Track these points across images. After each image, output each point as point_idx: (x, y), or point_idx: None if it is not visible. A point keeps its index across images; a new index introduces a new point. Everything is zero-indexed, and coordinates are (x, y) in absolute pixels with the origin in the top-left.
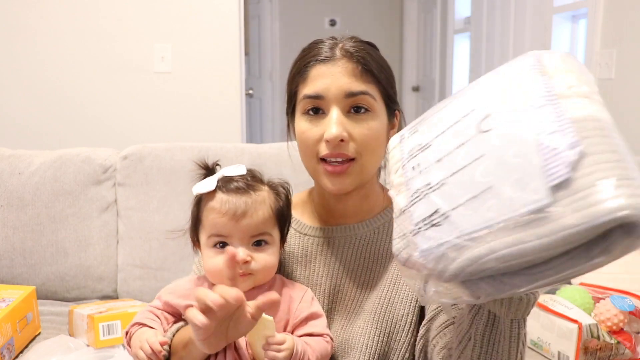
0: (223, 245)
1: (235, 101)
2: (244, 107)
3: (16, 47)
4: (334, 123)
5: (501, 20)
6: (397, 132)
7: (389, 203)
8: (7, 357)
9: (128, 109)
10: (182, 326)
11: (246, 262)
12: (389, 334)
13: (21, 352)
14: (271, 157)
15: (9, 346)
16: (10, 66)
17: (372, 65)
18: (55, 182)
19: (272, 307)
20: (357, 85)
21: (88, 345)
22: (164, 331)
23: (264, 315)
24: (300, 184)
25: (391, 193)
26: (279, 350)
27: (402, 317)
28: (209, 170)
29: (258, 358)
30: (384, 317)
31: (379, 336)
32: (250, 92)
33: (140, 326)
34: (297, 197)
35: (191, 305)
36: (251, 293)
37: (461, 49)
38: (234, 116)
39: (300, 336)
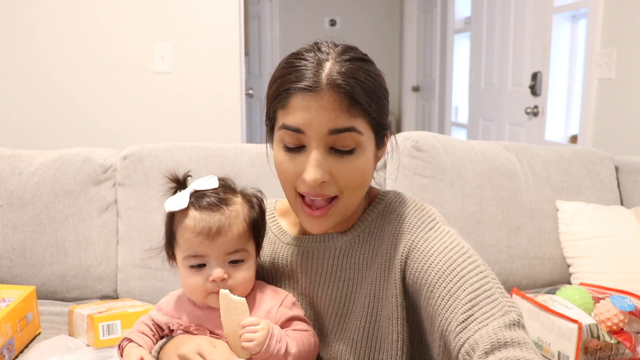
0: (200, 265)
1: (235, 101)
2: (244, 107)
3: (16, 47)
4: (314, 165)
5: (501, 20)
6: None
7: (370, 202)
8: (7, 357)
9: (128, 109)
10: (164, 342)
11: (223, 280)
12: (377, 351)
13: (21, 352)
14: (271, 157)
15: (9, 346)
16: (10, 66)
17: (361, 96)
18: (55, 182)
19: None
20: (342, 121)
21: (88, 345)
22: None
23: (234, 297)
24: None
25: None
26: (254, 332)
27: (389, 334)
28: (180, 184)
29: (235, 350)
30: (370, 335)
31: (367, 355)
32: (250, 92)
33: (129, 342)
34: (284, 203)
35: (169, 323)
36: None
37: (461, 49)
38: (234, 116)
39: None
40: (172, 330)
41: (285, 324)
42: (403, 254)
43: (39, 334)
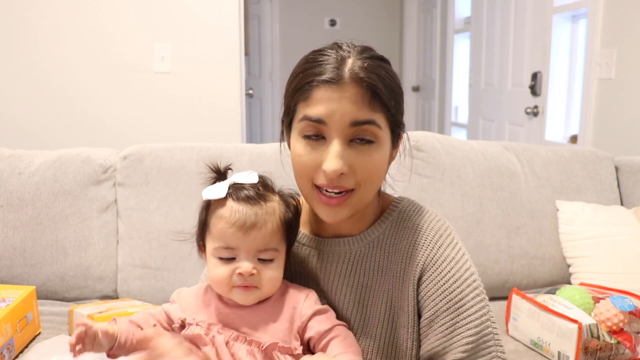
0: (229, 259)
1: (235, 101)
2: (244, 107)
3: (16, 47)
4: (334, 156)
5: (501, 20)
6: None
7: (384, 210)
8: (7, 357)
9: (128, 109)
10: None
11: (252, 275)
12: (394, 358)
13: (21, 352)
14: (271, 157)
15: (9, 346)
16: (10, 66)
17: (382, 91)
18: (55, 182)
19: None
20: (364, 114)
21: None
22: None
23: None
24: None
25: None
26: None
27: (404, 341)
28: (220, 175)
29: None
30: (388, 341)
31: None
32: (250, 92)
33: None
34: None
35: (184, 320)
36: (256, 307)
37: (461, 49)
38: (234, 116)
39: (309, 341)
40: (182, 327)
41: (309, 320)
42: (419, 268)
43: (39, 334)
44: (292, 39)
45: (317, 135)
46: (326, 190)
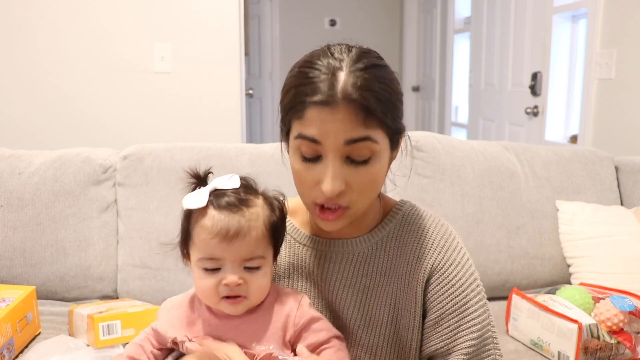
0: (214, 269)
1: (235, 101)
2: (244, 107)
3: (16, 47)
4: (331, 177)
5: (501, 20)
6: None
7: (386, 212)
8: (7, 357)
9: (128, 109)
10: (178, 356)
11: (238, 285)
12: (397, 359)
13: (21, 352)
14: (271, 157)
15: (9, 346)
16: (10, 66)
17: (376, 108)
18: (55, 182)
19: None
20: (358, 132)
21: (88, 345)
22: None
23: None
24: None
25: None
26: None
27: (407, 342)
28: (200, 180)
29: None
30: (391, 342)
31: None
32: (250, 92)
33: None
34: (296, 202)
35: (176, 342)
36: (247, 316)
37: (461, 49)
38: (234, 116)
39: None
40: (176, 343)
41: (304, 329)
42: (426, 272)
43: (39, 334)
44: (292, 39)
45: (314, 157)
46: (325, 207)
